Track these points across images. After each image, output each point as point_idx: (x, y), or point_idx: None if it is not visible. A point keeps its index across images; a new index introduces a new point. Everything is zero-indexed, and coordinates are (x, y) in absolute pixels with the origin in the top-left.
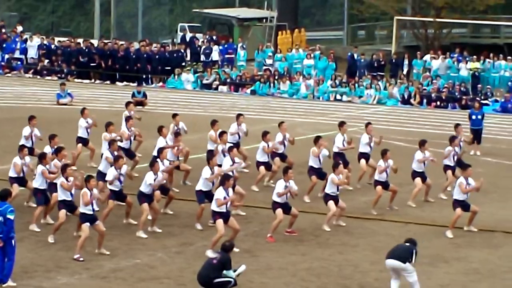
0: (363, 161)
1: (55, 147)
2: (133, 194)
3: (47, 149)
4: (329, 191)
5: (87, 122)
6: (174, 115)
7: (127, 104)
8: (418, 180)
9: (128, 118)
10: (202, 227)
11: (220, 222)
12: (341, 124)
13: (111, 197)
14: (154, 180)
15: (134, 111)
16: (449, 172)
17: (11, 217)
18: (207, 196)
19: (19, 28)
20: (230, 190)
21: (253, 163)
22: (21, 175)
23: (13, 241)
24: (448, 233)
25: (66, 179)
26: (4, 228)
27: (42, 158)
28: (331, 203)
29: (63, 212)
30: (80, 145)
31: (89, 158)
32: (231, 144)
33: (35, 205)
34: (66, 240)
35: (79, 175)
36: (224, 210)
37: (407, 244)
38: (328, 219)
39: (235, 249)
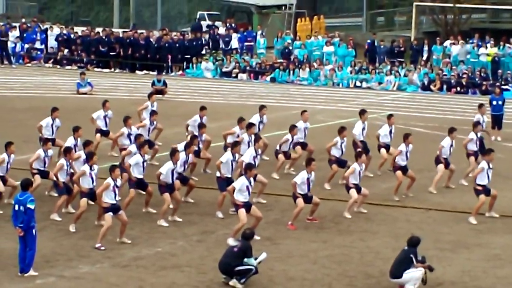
0: (383, 150)
1: (79, 139)
2: (153, 183)
3: (71, 141)
4: (350, 182)
5: (106, 114)
6: (202, 108)
7: (150, 95)
8: (441, 166)
9: (153, 112)
10: (223, 215)
11: (242, 211)
12: (362, 112)
13: (132, 186)
14: (172, 170)
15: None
16: (472, 158)
17: (32, 206)
18: (229, 183)
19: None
20: (252, 179)
21: (273, 151)
22: (45, 168)
23: (34, 231)
24: (471, 219)
25: (91, 167)
26: (25, 218)
27: (66, 152)
28: (352, 191)
29: (84, 201)
30: (98, 135)
31: (110, 147)
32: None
33: (56, 195)
34: (87, 229)
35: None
36: (246, 200)
37: (405, 248)
38: (349, 207)
39: (256, 237)
